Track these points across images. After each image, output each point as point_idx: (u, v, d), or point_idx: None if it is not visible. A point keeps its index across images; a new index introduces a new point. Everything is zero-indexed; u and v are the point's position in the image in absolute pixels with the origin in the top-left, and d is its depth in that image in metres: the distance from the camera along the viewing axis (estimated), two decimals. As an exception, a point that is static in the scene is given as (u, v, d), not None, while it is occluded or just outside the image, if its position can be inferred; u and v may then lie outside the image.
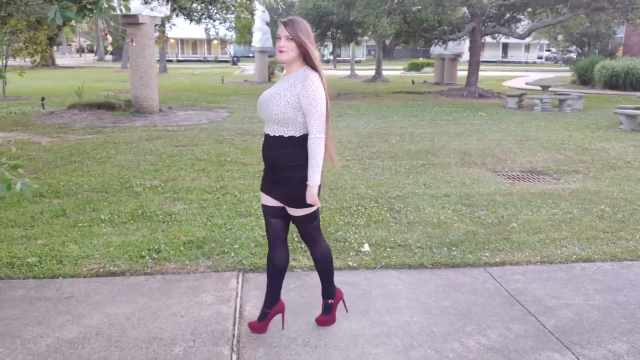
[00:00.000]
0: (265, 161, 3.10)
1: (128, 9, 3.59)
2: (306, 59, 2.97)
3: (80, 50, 72.10)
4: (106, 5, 3.35)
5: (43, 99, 14.66)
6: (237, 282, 3.98)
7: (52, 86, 22.45)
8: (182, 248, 4.56)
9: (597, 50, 32.65)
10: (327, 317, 3.39)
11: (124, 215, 5.37)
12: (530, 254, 4.57)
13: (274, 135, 3.01)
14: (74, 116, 12.85)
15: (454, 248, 4.66)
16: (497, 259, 4.45)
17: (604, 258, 4.51)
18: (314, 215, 3.13)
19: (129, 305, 3.59)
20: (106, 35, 3.66)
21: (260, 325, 3.29)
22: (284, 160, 2.99)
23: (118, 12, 3.46)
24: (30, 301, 3.64)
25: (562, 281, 4.08)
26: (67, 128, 11.14)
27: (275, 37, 2.98)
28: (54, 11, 2.97)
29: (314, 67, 2.96)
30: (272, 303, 3.28)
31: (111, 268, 4.15)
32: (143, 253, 4.43)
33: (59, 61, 47.33)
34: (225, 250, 4.54)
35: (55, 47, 44.42)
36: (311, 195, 2.96)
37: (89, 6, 3.14)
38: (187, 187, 6.46)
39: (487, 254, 4.55)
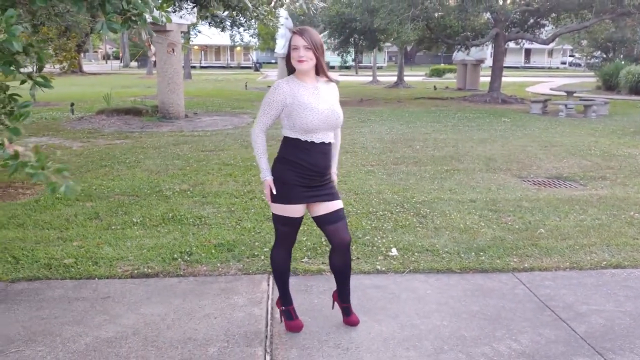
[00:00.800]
0: (317, 170, 3.12)
1: (169, 20, 3.68)
2: (317, 67, 3.09)
3: (106, 57, 73.23)
4: (149, 17, 3.44)
5: (72, 104, 14.97)
6: (268, 285, 4.05)
7: (80, 92, 22.87)
8: (212, 251, 4.65)
9: (622, 56, 32.23)
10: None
11: (155, 219, 5.48)
12: (559, 259, 4.57)
13: (329, 142, 3.16)
14: (102, 121, 13.10)
15: (481, 253, 4.67)
16: (526, 265, 4.45)
17: (634, 265, 4.49)
18: None
19: (163, 306, 3.68)
20: (150, 45, 3.76)
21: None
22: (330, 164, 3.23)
23: (159, 22, 3.54)
24: (68, 301, 3.75)
25: (592, 287, 4.07)
26: (97, 133, 11.36)
27: (292, 48, 3.02)
28: (100, 23, 3.06)
29: (326, 75, 3.15)
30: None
31: (145, 270, 4.25)
32: (175, 255, 4.52)
33: (86, 68, 48.13)
34: (255, 253, 4.62)
35: (82, 54, 45.19)
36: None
37: (133, 17, 3.22)
38: (215, 191, 6.56)
39: (515, 260, 4.55)
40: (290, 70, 3.12)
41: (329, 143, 3.15)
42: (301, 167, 3.09)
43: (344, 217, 3.27)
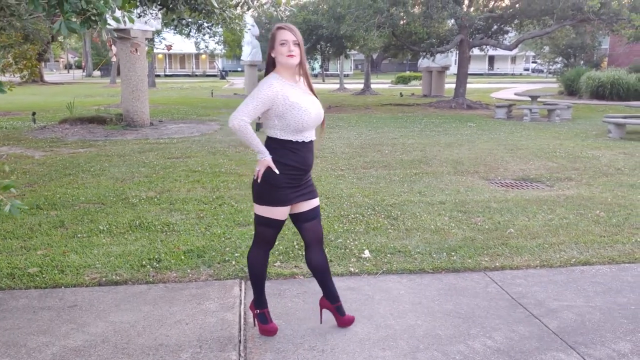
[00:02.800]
0: (306, 170, 3.12)
1: (132, 20, 3.62)
2: (301, 65, 3.08)
3: (68, 67, 71.92)
4: (110, 17, 3.36)
5: (34, 113, 14.61)
6: (240, 290, 3.98)
7: (42, 101, 22.36)
8: (182, 257, 4.56)
9: (582, 61, 33.12)
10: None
11: (122, 226, 5.36)
12: (529, 258, 4.62)
13: (313, 140, 3.16)
14: (65, 130, 12.81)
15: (453, 253, 4.69)
16: (497, 264, 4.48)
17: (602, 261, 4.57)
18: None
19: (133, 313, 3.58)
20: (111, 45, 3.67)
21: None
22: None
23: (112, 24, 3.47)
24: (33, 311, 3.62)
25: (562, 284, 4.12)
26: (60, 142, 11.09)
27: (279, 43, 2.99)
28: (59, 22, 2.98)
29: (306, 73, 3.12)
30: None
31: (113, 277, 4.14)
32: (144, 262, 4.42)
33: (47, 77, 47.16)
34: (226, 258, 4.54)
35: (43, 63, 44.26)
36: None
37: (93, 17, 3.15)
38: (183, 198, 6.46)
39: (486, 259, 4.58)
40: (270, 67, 3.08)
41: (313, 140, 3.15)
42: (293, 168, 3.06)
43: (319, 213, 3.28)
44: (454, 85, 21.64)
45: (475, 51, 26.75)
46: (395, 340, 3.28)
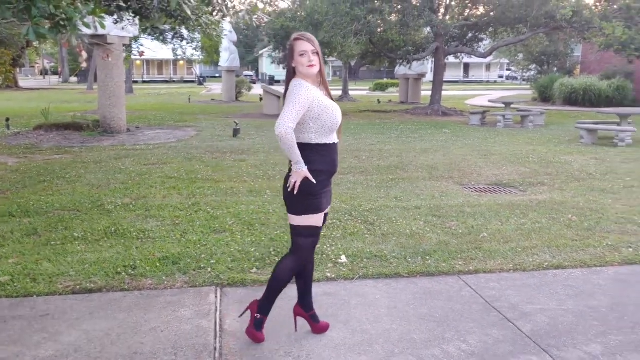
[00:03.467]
0: (335, 171, 3.17)
1: (103, 26, 3.59)
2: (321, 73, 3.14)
3: (44, 72, 70.91)
4: (80, 23, 3.34)
5: (8, 119, 14.37)
6: (216, 297, 3.97)
7: (16, 107, 22.01)
8: (157, 264, 4.53)
9: (556, 69, 33.69)
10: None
11: (97, 233, 5.30)
12: (502, 262, 4.68)
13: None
14: (40, 137, 12.63)
15: (428, 257, 4.73)
16: (471, 267, 4.54)
17: (574, 265, 4.65)
18: None
19: (107, 321, 3.54)
20: (81, 51, 3.64)
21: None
22: None
23: (88, 31, 3.45)
24: (4, 320, 3.56)
25: (535, 287, 4.18)
26: (34, 148, 10.93)
27: (299, 54, 3.03)
28: (27, 28, 2.95)
29: (324, 81, 3.18)
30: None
31: (87, 285, 4.09)
32: (119, 269, 4.38)
33: (22, 83, 46.44)
34: (202, 265, 4.52)
35: (18, 69, 43.59)
36: None
37: (62, 23, 3.12)
38: (158, 205, 6.42)
39: (460, 263, 4.64)
40: (290, 75, 3.10)
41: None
42: (326, 173, 3.10)
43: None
44: (430, 93, 21.85)
45: (451, 59, 27.11)
46: (371, 345, 3.30)
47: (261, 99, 22.98)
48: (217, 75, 57.83)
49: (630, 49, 15.73)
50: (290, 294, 3.98)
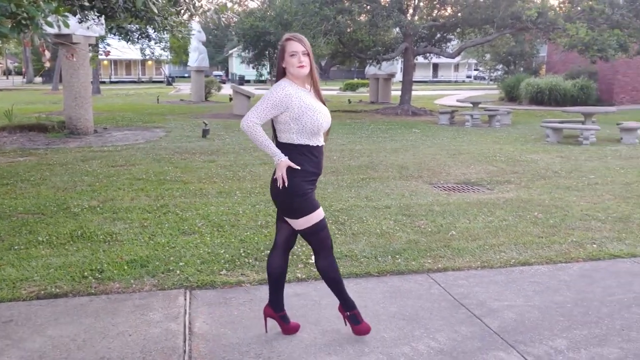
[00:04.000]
0: (320, 173, 3.19)
1: (67, 25, 3.52)
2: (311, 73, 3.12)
3: (7, 73, 69.21)
4: (43, 22, 3.26)
5: (-32, 121, 14.00)
6: (185, 300, 3.93)
7: (-24, 108, 21.43)
8: (125, 267, 4.46)
9: (522, 69, 34.28)
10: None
11: (63, 237, 5.20)
12: (470, 259, 4.74)
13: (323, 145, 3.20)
14: (3, 138, 12.34)
15: (397, 256, 4.77)
16: (440, 265, 4.59)
17: (540, 261, 4.74)
18: None
19: (73, 327, 3.48)
20: (44, 50, 3.56)
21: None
22: None
23: (52, 30, 3.38)
24: (-35, 327, 3.46)
25: (503, 284, 4.25)
26: (-4, 150, 10.68)
27: (289, 55, 3.03)
28: (-14, 27, 2.88)
29: (315, 81, 3.15)
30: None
31: (52, 290, 4.01)
32: (85, 273, 4.30)
33: (-17, 83, 45.25)
34: (171, 268, 4.47)
35: (-22, 69, 42.44)
36: None
37: (24, 22, 3.05)
38: (126, 207, 6.33)
39: (429, 261, 4.68)
40: (280, 76, 3.11)
41: (323, 145, 3.21)
42: (312, 174, 3.12)
43: None
44: (399, 92, 22.01)
45: (420, 59, 27.36)
46: (341, 345, 3.31)
47: (231, 99, 22.85)
48: (186, 75, 57.32)
49: (593, 49, 16.10)
50: (259, 295, 3.97)
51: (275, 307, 3.41)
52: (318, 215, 3.16)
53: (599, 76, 24.13)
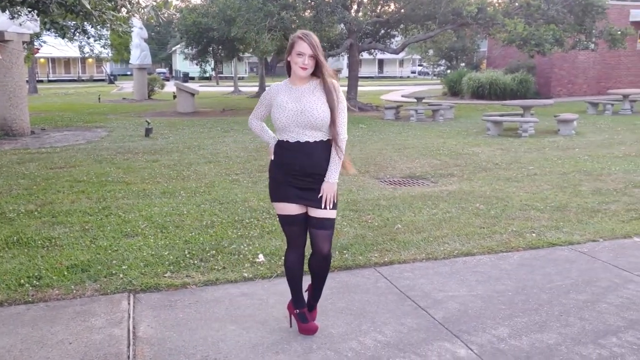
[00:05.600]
0: (298, 169, 3.16)
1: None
2: (316, 69, 3.12)
3: None
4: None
5: None
6: (129, 304, 3.83)
7: None
8: (65, 273, 4.31)
9: (464, 64, 35.06)
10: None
11: (-3, 243, 4.98)
12: (415, 252, 4.82)
13: (314, 142, 3.14)
14: None
15: (345, 251, 4.79)
16: (386, 259, 4.64)
17: (482, 251, 4.86)
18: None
19: (9, 337, 3.33)
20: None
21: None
22: (325, 164, 3.18)
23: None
24: None
25: (447, 275, 4.33)
26: None
27: (296, 53, 3.05)
28: None
29: (323, 76, 3.12)
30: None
31: (-14, 299, 3.83)
32: (22, 281, 4.13)
33: None
34: (113, 272, 4.35)
35: None
36: (334, 191, 3.20)
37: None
38: (66, 210, 6.12)
39: (376, 255, 4.73)
40: (289, 69, 3.16)
41: (314, 142, 3.13)
42: (286, 165, 3.19)
43: (330, 227, 3.26)
44: (346, 89, 22.14)
45: (365, 55, 27.55)
46: (289, 343, 3.29)
47: (175, 97, 22.43)
48: (128, 73, 55.86)
49: (531, 44, 16.61)
50: (205, 296, 3.91)
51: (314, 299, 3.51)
52: (278, 208, 3.27)
53: (537, 70, 24.94)
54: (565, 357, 3.12)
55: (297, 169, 3.16)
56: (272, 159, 3.27)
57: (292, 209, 3.22)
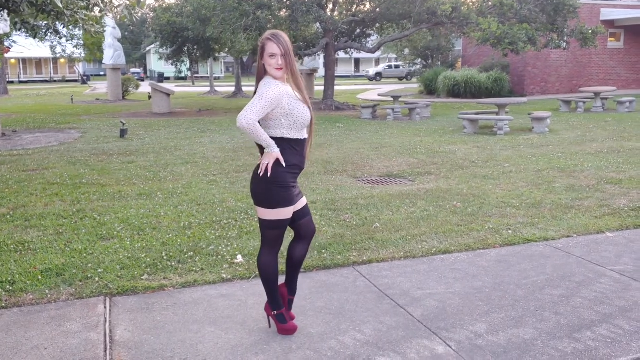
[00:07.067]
0: (303, 167, 3.24)
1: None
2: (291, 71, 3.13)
3: None
4: None
5: None
6: (105, 307, 3.78)
7: None
8: (39, 277, 4.24)
9: (439, 63, 35.31)
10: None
11: (-32, 248, 4.87)
12: (394, 250, 4.84)
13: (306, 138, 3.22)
14: None
15: (324, 251, 4.79)
16: (365, 258, 4.65)
17: (460, 249, 4.90)
18: None
19: (-19, 344, 3.26)
20: None
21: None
22: None
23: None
24: None
25: (425, 273, 4.36)
26: None
27: (268, 55, 3.06)
28: None
29: (296, 78, 3.16)
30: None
31: (-43, 306, 3.75)
32: (-6, 286, 4.05)
33: None
34: (89, 275, 4.29)
35: None
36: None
37: None
38: (39, 213, 6.01)
39: (355, 254, 4.74)
40: (262, 72, 3.13)
41: (305, 138, 3.24)
42: (297, 167, 3.19)
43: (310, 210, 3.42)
44: (323, 88, 22.14)
45: (341, 54, 27.58)
46: (268, 344, 3.28)
47: (150, 97, 22.19)
48: (102, 73, 55.08)
49: (505, 43, 16.80)
50: (183, 298, 3.88)
51: (290, 291, 3.49)
52: (287, 213, 3.21)
53: (511, 69, 25.25)
54: (541, 351, 3.16)
55: (302, 167, 3.24)
56: (284, 165, 3.11)
57: (291, 211, 3.24)
